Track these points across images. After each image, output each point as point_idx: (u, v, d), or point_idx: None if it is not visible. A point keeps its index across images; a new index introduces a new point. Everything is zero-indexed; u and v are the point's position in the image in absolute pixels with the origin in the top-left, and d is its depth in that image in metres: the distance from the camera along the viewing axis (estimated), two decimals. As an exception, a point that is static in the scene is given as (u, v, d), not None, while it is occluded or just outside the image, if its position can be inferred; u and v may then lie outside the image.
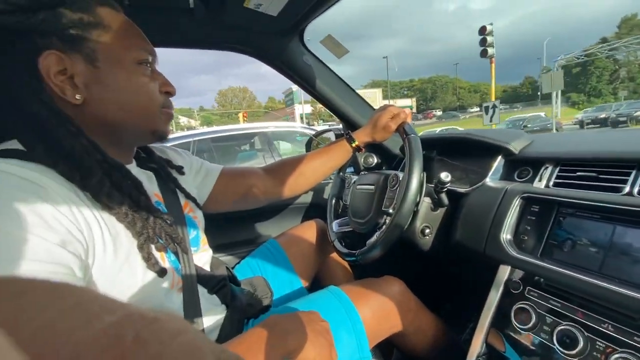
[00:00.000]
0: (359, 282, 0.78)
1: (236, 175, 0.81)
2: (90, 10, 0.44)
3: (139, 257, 0.46)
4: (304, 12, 0.87)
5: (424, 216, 0.79)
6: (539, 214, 0.63)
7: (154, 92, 0.52)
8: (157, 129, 0.53)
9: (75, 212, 0.39)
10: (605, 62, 49.49)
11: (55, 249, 0.36)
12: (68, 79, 0.43)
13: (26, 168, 0.38)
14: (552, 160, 0.69)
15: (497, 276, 0.64)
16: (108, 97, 0.47)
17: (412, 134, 0.75)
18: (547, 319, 0.54)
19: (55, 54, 0.42)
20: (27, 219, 0.35)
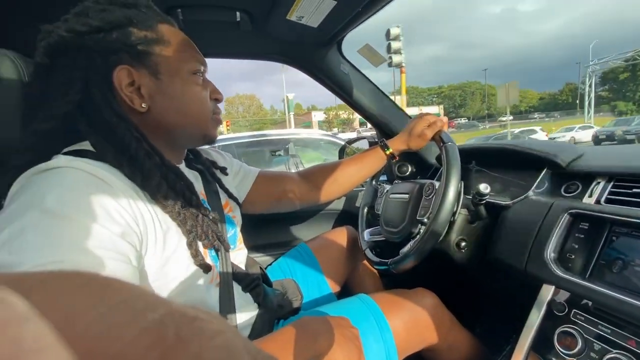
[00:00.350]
0: (390, 292, 0.77)
1: (272, 179, 0.84)
2: (153, 28, 0.50)
3: (185, 252, 0.49)
4: (343, 24, 0.89)
5: (460, 229, 0.77)
6: (589, 232, 0.59)
7: (205, 100, 0.56)
8: (208, 133, 0.58)
9: (134, 207, 0.43)
10: None
11: (116, 239, 0.39)
12: (136, 90, 0.49)
13: (96, 166, 0.43)
14: (605, 175, 0.65)
15: (540, 296, 0.60)
16: (168, 105, 0.51)
17: (450, 142, 0.74)
18: (595, 345, 0.50)
19: (126, 69, 0.47)
20: (95, 211, 0.39)
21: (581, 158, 0.75)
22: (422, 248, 0.69)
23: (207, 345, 0.12)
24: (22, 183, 0.41)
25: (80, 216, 0.38)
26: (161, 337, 0.12)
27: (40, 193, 0.38)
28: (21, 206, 0.37)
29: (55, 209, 0.37)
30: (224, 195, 0.69)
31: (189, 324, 0.13)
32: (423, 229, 0.71)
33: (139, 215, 0.44)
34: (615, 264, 0.53)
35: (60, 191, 0.38)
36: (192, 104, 0.54)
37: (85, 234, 0.37)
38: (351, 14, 0.84)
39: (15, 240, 0.34)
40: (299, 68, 1.09)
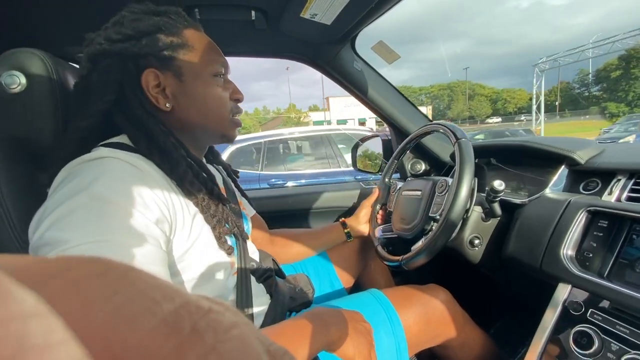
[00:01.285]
0: (402, 287, 0.77)
1: (257, 223, 0.87)
2: (178, 34, 0.54)
3: (207, 238, 0.53)
4: (357, 21, 0.90)
5: (473, 226, 0.76)
6: (608, 230, 0.57)
7: (225, 101, 0.60)
8: (226, 133, 0.61)
9: (166, 195, 0.47)
10: None
11: (151, 225, 0.43)
12: (161, 91, 0.53)
13: (132, 156, 0.47)
14: (626, 172, 0.63)
15: (555, 295, 0.59)
16: (190, 105, 0.56)
17: (463, 138, 0.73)
18: (612, 345, 0.49)
19: (153, 72, 0.52)
20: (135, 198, 0.43)
21: (601, 154, 0.72)
22: (434, 245, 0.69)
23: (222, 337, 0.12)
24: (68, 172, 0.44)
25: (123, 202, 0.41)
26: (178, 328, 0.12)
27: (88, 180, 0.41)
28: (70, 191, 0.41)
29: (102, 194, 0.40)
30: (238, 193, 0.75)
31: (204, 316, 0.13)
32: (435, 226, 0.70)
33: (169, 203, 0.47)
34: (635, 263, 0.52)
35: (105, 178, 0.42)
36: (212, 105, 0.57)
37: (126, 218, 0.40)
38: (364, 11, 0.84)
39: (64, 220, 0.38)
40: (313, 65, 1.09)
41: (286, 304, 0.69)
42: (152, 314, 0.12)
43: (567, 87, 55.85)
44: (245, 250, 0.63)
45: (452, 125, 0.79)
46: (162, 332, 0.11)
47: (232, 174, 0.77)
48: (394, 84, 1.17)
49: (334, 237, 0.94)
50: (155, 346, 0.11)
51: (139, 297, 0.12)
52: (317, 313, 0.52)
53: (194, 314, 0.13)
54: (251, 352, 0.13)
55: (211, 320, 0.13)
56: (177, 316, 0.12)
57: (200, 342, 0.12)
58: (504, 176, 0.89)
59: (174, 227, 0.48)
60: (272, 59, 1.13)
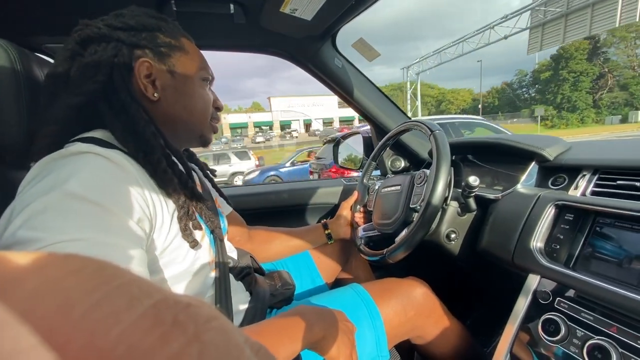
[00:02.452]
0: (382, 281, 0.78)
1: (235, 221, 0.87)
2: (176, 38, 0.57)
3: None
4: (337, 17, 0.90)
5: (450, 220, 0.78)
6: (574, 223, 0.60)
7: (209, 103, 0.63)
8: (204, 134, 0.63)
9: (144, 192, 0.47)
10: (584, 64, 36.58)
11: (131, 223, 0.42)
12: (151, 82, 0.54)
13: (110, 151, 0.45)
14: (590, 168, 0.66)
15: (526, 285, 0.62)
16: (177, 99, 0.57)
17: (437, 130, 0.75)
18: (577, 332, 0.52)
19: (147, 62, 0.53)
20: (114, 196, 0.42)
21: (568, 151, 0.76)
22: (416, 235, 0.70)
23: (203, 327, 0.13)
24: (41, 168, 0.42)
25: (100, 199, 0.40)
26: (160, 321, 0.12)
27: (63, 176, 0.40)
28: (44, 188, 0.39)
29: (78, 191, 0.39)
30: (215, 193, 0.75)
31: (184, 309, 0.13)
32: (417, 217, 0.72)
33: (149, 200, 0.47)
34: (599, 253, 0.55)
35: (82, 175, 0.40)
36: (198, 104, 0.60)
37: (103, 216, 0.39)
38: (344, 8, 0.84)
39: (37, 218, 0.36)
40: (293, 61, 1.09)
41: (267, 300, 0.68)
42: (133, 308, 0.12)
43: (504, 88, 51.23)
44: (223, 248, 0.62)
45: (426, 120, 0.82)
46: (145, 324, 0.12)
47: (209, 173, 0.77)
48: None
49: (314, 238, 0.95)
50: (138, 337, 0.11)
51: (118, 292, 0.12)
52: (300, 311, 0.52)
53: (174, 307, 0.13)
54: (233, 340, 0.14)
55: (191, 313, 0.13)
56: (157, 310, 0.12)
57: (183, 332, 0.12)
58: (479, 172, 0.92)
59: (154, 225, 0.47)
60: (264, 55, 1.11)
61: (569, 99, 37.09)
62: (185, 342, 0.12)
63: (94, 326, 0.11)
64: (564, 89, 37.43)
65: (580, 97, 36.91)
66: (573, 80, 37.34)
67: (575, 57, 36.66)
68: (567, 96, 37.16)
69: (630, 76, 36.37)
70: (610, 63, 37.22)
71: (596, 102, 37.19)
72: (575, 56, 36.67)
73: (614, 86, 37.14)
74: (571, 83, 37.42)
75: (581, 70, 36.99)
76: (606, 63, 37.30)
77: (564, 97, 37.43)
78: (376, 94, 1.19)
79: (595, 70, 37.09)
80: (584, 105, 36.70)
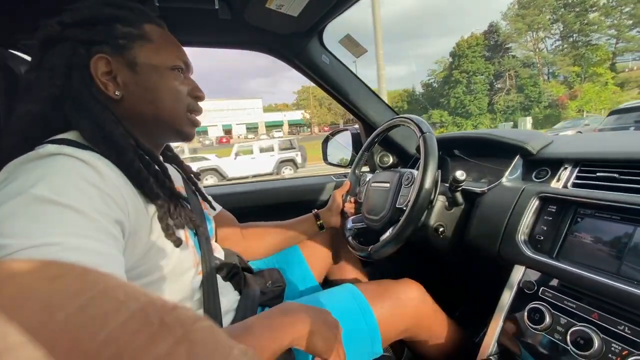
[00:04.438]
0: (376, 282, 0.79)
1: (225, 219, 0.86)
2: (138, 26, 0.53)
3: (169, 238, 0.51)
4: (324, 13, 0.89)
5: (438, 215, 0.79)
6: (556, 214, 0.62)
7: (181, 95, 0.58)
8: (182, 130, 0.59)
9: (122, 193, 0.45)
10: (479, 62, 31.01)
11: (105, 225, 0.40)
12: (112, 79, 0.51)
13: (84, 153, 0.44)
14: (571, 161, 0.68)
15: (511, 276, 0.63)
16: (141, 95, 0.54)
17: (428, 132, 0.75)
18: (561, 319, 0.53)
19: (104, 58, 0.50)
20: (86, 198, 0.40)
21: (550, 145, 0.78)
22: (401, 235, 0.71)
23: (191, 328, 0.13)
24: (9, 172, 0.41)
25: (71, 202, 0.38)
26: (147, 323, 0.12)
27: (31, 180, 0.38)
28: (10, 192, 0.37)
29: (46, 195, 0.37)
30: (199, 197, 0.73)
31: (170, 312, 0.13)
32: (402, 218, 0.73)
33: (125, 202, 0.45)
34: (580, 243, 0.57)
35: (51, 178, 0.39)
36: (165, 97, 0.55)
37: (75, 219, 0.38)
38: (331, 4, 0.84)
39: (4, 224, 0.35)
40: (280, 58, 1.08)
41: (257, 299, 0.68)
42: (120, 312, 0.12)
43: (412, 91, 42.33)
44: (209, 249, 0.61)
45: (417, 119, 0.81)
46: (132, 326, 0.12)
47: (193, 176, 0.74)
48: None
49: (307, 228, 0.94)
50: (127, 339, 0.11)
51: (102, 297, 0.12)
52: (285, 307, 0.52)
53: (161, 310, 0.13)
54: (221, 340, 0.14)
55: (178, 315, 0.13)
56: (144, 313, 0.12)
57: (171, 333, 0.12)
58: (465, 167, 0.93)
59: (132, 228, 0.45)
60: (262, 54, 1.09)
61: (462, 103, 31.41)
62: (174, 342, 0.12)
63: (79, 330, 0.11)
64: (457, 91, 31.61)
65: (473, 101, 31.27)
66: (466, 82, 31.64)
67: (468, 55, 31.07)
68: (461, 100, 31.40)
69: (527, 75, 30.87)
70: (506, 60, 31.53)
71: (493, 106, 31.53)
72: (467, 54, 31.08)
73: (512, 87, 31.32)
74: (464, 85, 31.76)
75: (474, 70, 31.32)
76: (505, 60, 31.50)
77: (457, 100, 31.67)
78: (364, 91, 1.19)
79: (490, 69, 31.45)
80: (476, 110, 30.88)
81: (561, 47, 32.37)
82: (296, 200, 1.30)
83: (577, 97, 26.82)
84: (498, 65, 31.91)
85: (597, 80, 27.15)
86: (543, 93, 29.70)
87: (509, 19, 32.19)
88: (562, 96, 28.36)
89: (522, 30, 31.65)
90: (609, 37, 29.00)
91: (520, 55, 32.78)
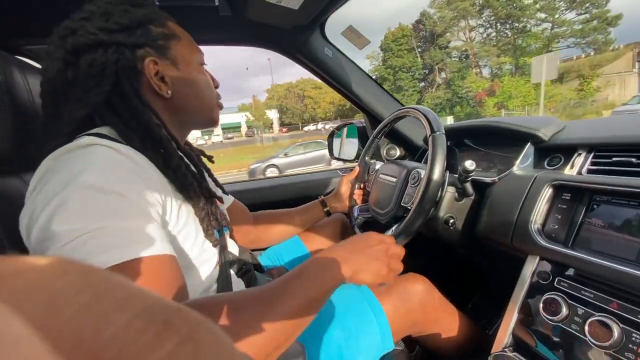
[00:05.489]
0: None
1: (238, 209, 0.89)
2: (165, 25, 0.56)
3: (191, 229, 0.53)
4: (325, 4, 0.88)
5: (448, 206, 0.78)
6: (571, 202, 0.60)
7: (212, 86, 0.63)
8: (214, 116, 0.64)
9: (154, 182, 0.47)
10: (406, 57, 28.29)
11: (148, 208, 0.43)
12: (160, 79, 0.54)
13: (116, 144, 0.46)
14: (585, 146, 0.66)
15: (525, 266, 0.62)
16: (188, 91, 0.58)
17: (438, 132, 0.71)
18: (578, 310, 0.52)
19: (153, 60, 0.53)
20: (124, 182, 0.42)
21: (563, 131, 0.76)
22: (405, 233, 0.70)
23: (196, 328, 0.13)
24: (51, 164, 0.43)
25: (116, 188, 0.41)
26: (152, 322, 0.12)
27: (77, 169, 0.41)
28: (59, 184, 0.40)
29: (93, 182, 0.40)
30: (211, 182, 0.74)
31: (175, 312, 0.13)
32: (407, 214, 0.71)
33: (159, 189, 0.48)
34: (596, 231, 0.55)
35: (94, 166, 0.41)
36: (205, 90, 0.61)
37: (121, 203, 0.41)
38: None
39: (58, 213, 0.38)
40: (282, 53, 1.07)
41: None
42: (124, 310, 0.12)
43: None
44: (226, 243, 0.63)
45: (431, 116, 0.75)
46: (137, 325, 0.12)
47: (205, 164, 0.74)
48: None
49: (313, 215, 0.96)
50: (131, 338, 0.11)
51: (107, 295, 0.12)
52: (330, 252, 0.52)
53: (165, 310, 0.13)
54: (226, 340, 0.14)
55: (183, 315, 0.13)
56: (149, 312, 0.12)
57: (176, 332, 0.12)
58: (474, 156, 0.91)
59: (164, 215, 0.48)
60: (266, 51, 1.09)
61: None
62: (179, 341, 0.12)
63: (84, 327, 0.11)
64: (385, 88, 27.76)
65: (401, 99, 24.77)
66: (392, 79, 29.38)
67: (393, 49, 28.54)
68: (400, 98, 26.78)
69: (456, 69, 27.78)
70: (433, 53, 28.14)
71: (422, 103, 26.79)
72: (393, 48, 28.57)
73: (442, 82, 28.82)
74: (391, 82, 29.46)
75: (400, 65, 28.71)
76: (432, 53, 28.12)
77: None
78: (369, 83, 1.18)
79: (419, 63, 28.71)
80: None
81: (491, 36, 28.33)
82: (303, 195, 1.29)
83: (495, 93, 23.49)
84: (429, 58, 28.57)
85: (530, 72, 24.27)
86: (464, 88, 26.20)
87: (435, 6, 28.42)
88: (481, 92, 24.78)
89: (448, 18, 27.92)
90: (540, 22, 25.53)
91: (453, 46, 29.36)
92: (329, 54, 1.08)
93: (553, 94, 21.52)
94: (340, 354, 0.61)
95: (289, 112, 41.17)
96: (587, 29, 24.06)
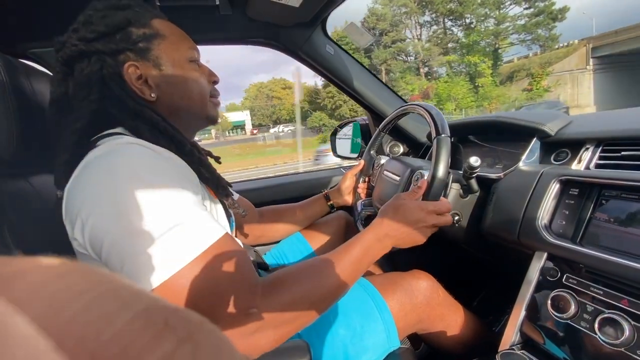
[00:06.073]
0: (386, 275, 0.78)
1: (241, 202, 0.90)
2: (148, 25, 0.54)
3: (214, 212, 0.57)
4: (325, 2, 0.87)
5: (453, 203, 0.76)
6: (579, 197, 0.59)
7: (204, 83, 0.62)
8: (209, 114, 0.63)
9: (189, 175, 0.50)
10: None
11: (200, 200, 0.46)
12: (144, 82, 0.54)
13: (142, 141, 0.48)
14: (593, 140, 0.65)
15: (532, 263, 0.61)
16: (173, 91, 0.57)
17: (443, 134, 0.69)
18: (587, 307, 0.51)
19: (133, 65, 0.52)
20: (175, 179, 0.45)
21: (569, 125, 0.75)
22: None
23: (195, 329, 0.13)
24: (91, 169, 0.44)
25: (167, 182, 0.43)
26: (152, 322, 0.12)
27: (123, 168, 0.42)
28: (111, 183, 0.41)
29: (143, 178, 0.42)
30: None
31: (174, 313, 0.13)
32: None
33: (191, 179, 0.50)
34: (605, 226, 0.54)
35: (140, 164, 0.43)
36: (193, 89, 0.59)
37: (181, 198, 0.43)
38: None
39: (130, 214, 0.39)
40: (284, 51, 1.06)
41: None
42: (124, 311, 0.12)
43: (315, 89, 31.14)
44: (233, 233, 0.66)
45: (435, 112, 0.73)
46: (137, 326, 0.12)
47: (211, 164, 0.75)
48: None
49: (317, 209, 0.97)
50: (131, 338, 0.11)
51: (107, 296, 0.12)
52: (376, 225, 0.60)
53: (164, 311, 0.13)
54: (226, 341, 0.14)
55: (182, 316, 0.14)
56: (148, 313, 0.13)
57: (175, 333, 0.12)
58: (479, 152, 0.90)
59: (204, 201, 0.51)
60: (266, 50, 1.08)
61: (336, 104, 26.07)
62: (179, 342, 0.12)
63: (85, 328, 0.11)
64: (330, 90, 25.37)
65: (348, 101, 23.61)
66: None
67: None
68: (335, 100, 25.83)
69: (400, 69, 25.67)
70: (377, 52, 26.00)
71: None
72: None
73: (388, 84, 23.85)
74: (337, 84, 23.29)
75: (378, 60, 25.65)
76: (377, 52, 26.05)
77: (332, 101, 26.20)
78: (371, 80, 1.17)
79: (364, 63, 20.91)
80: (349, 113, 24.66)
81: (437, 33, 26.58)
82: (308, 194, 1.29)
83: (430, 97, 21.76)
84: (376, 58, 26.09)
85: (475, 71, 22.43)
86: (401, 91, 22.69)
87: (380, 2, 26.47)
88: (416, 95, 22.41)
89: (388, 15, 25.83)
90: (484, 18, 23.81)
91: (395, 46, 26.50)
92: (331, 51, 1.07)
93: (497, 94, 20.41)
94: (345, 352, 0.61)
95: (259, 113, 39.85)
96: (529, 25, 22.61)
